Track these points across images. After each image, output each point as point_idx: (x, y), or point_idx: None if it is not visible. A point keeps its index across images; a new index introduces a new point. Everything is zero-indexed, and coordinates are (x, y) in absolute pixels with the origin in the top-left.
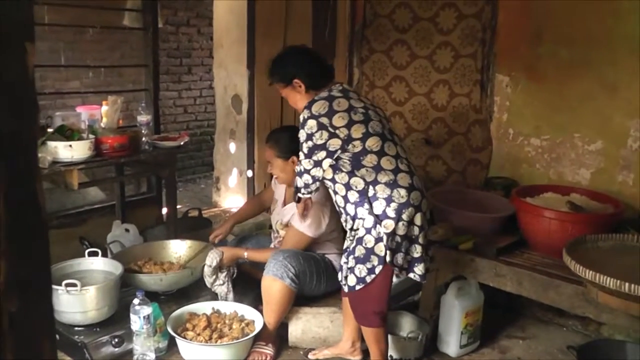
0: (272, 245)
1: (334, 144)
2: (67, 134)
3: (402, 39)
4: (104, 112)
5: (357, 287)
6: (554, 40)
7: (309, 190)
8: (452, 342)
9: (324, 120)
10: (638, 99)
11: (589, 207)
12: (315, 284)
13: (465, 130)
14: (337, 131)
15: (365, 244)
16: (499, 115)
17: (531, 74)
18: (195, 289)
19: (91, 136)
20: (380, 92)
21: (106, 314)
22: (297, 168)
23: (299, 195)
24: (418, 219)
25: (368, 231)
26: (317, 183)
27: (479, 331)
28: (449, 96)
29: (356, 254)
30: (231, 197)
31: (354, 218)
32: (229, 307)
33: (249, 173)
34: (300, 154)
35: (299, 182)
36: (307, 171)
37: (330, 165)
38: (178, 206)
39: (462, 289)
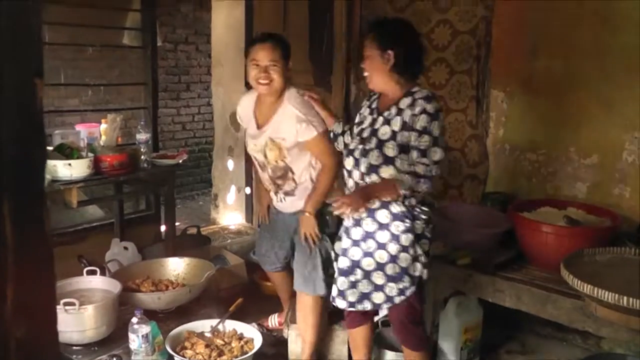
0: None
1: None
2: (67, 152)
3: None
4: (103, 130)
5: (385, 306)
6: (549, 56)
7: (427, 186)
8: (451, 358)
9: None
10: (633, 112)
11: (586, 220)
12: None
13: (461, 146)
14: None
15: (400, 263)
16: (495, 131)
17: (526, 89)
18: (194, 307)
19: (90, 154)
20: None
21: (104, 333)
22: (425, 168)
23: (410, 190)
24: None
25: (404, 249)
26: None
27: (478, 347)
28: (445, 112)
29: (388, 272)
30: (230, 214)
31: (381, 227)
32: (228, 325)
33: (247, 190)
34: (438, 149)
35: (422, 184)
36: (436, 163)
37: (398, 169)
38: (177, 223)
39: (461, 304)
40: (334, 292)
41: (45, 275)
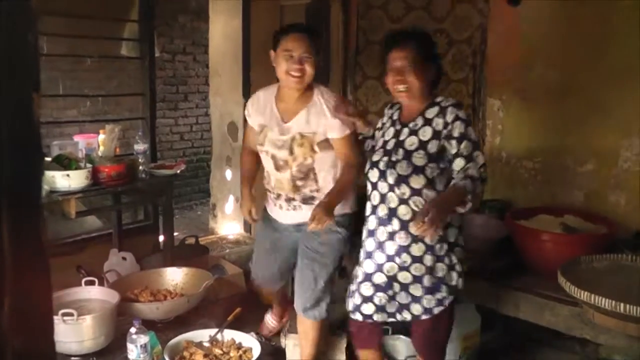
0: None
1: None
2: (65, 163)
3: None
4: (101, 141)
5: (423, 317)
6: (544, 64)
7: (482, 188)
8: None
9: None
10: (628, 119)
11: (583, 227)
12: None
13: None
14: None
15: (436, 273)
16: (491, 139)
17: (522, 97)
18: (192, 317)
19: (88, 165)
20: (374, 118)
21: (103, 343)
22: (477, 170)
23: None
24: None
25: (440, 259)
26: None
27: (477, 354)
28: None
29: (426, 284)
30: (228, 224)
31: (416, 240)
32: (227, 334)
33: None
34: (480, 153)
35: (479, 187)
36: (483, 166)
37: (428, 177)
38: (175, 233)
39: (459, 312)
40: (369, 309)
41: (42, 286)
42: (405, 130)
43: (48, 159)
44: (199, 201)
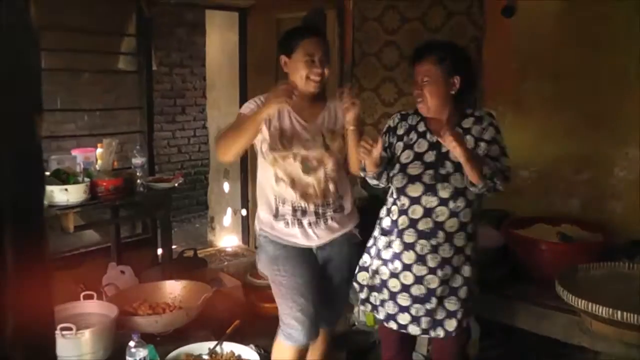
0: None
1: None
2: (63, 177)
3: (390, 76)
4: (99, 155)
5: (454, 333)
6: (538, 76)
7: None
8: None
9: None
10: (623, 129)
11: (580, 236)
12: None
13: None
14: None
15: (470, 284)
16: None
17: (517, 107)
18: (191, 330)
19: (86, 179)
20: (371, 130)
21: (101, 357)
22: (503, 167)
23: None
24: None
25: (473, 267)
26: None
27: None
28: None
29: (462, 296)
30: (226, 236)
31: (457, 251)
32: (226, 347)
33: (244, 212)
34: (507, 159)
35: (499, 179)
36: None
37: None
38: (173, 246)
39: None
40: (406, 319)
41: (44, 300)
42: None
43: (46, 173)
44: (197, 214)
